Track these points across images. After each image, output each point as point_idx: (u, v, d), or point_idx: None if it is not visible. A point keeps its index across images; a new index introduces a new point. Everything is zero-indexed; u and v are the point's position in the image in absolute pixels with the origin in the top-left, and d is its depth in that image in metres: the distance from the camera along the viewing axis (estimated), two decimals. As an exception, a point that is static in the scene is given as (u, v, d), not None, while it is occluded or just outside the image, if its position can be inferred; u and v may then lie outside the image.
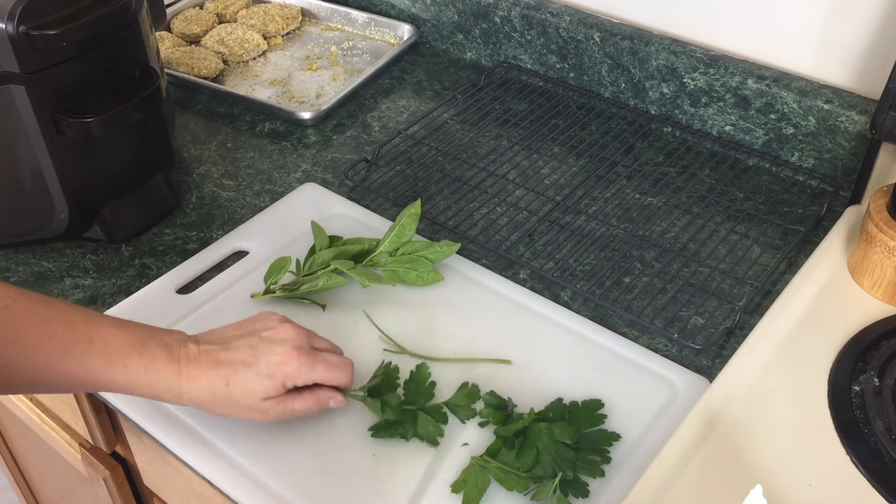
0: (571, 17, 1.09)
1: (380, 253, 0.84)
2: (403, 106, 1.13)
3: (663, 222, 0.92)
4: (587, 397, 0.72)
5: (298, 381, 0.67)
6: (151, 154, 0.95)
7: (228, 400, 0.65)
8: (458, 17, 1.20)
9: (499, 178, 0.98)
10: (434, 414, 0.70)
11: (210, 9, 1.32)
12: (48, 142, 0.82)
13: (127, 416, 0.74)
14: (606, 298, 0.83)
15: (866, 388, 0.70)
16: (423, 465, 0.68)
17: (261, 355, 0.66)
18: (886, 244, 0.77)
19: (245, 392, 0.65)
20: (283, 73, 1.20)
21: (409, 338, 0.79)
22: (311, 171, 1.01)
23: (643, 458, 0.67)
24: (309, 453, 0.69)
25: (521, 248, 0.89)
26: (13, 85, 0.78)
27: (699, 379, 0.74)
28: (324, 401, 0.69)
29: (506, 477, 0.65)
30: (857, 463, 0.66)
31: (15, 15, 0.75)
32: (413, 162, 1.02)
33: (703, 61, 1.00)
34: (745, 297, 0.83)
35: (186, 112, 1.12)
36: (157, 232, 0.92)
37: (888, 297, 0.79)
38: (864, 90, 0.94)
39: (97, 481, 1.02)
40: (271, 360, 0.66)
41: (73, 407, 0.95)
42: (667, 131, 1.06)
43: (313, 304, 0.82)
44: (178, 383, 0.64)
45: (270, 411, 0.66)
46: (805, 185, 0.97)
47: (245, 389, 0.65)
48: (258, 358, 0.66)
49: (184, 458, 0.70)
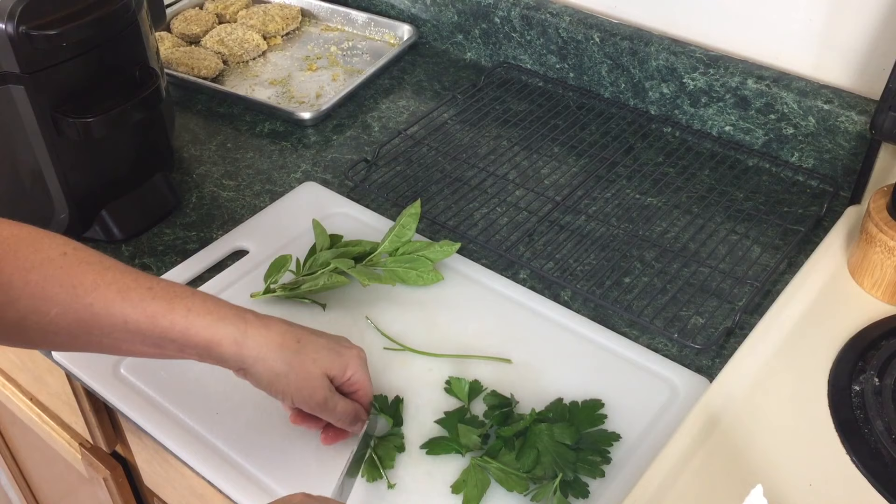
0: (571, 18, 1.09)
1: (380, 253, 0.84)
2: (403, 106, 1.13)
3: (663, 222, 0.92)
4: (587, 397, 0.72)
5: (354, 379, 0.67)
6: (151, 154, 0.95)
7: (294, 359, 0.63)
8: (458, 18, 1.20)
9: (499, 178, 0.98)
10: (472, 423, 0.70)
11: (210, 9, 1.32)
12: (48, 142, 0.82)
13: (127, 416, 0.74)
14: (606, 298, 0.83)
15: (866, 387, 0.70)
16: (423, 465, 0.68)
17: (331, 336, 0.68)
18: (886, 244, 0.77)
19: (313, 358, 0.64)
20: (282, 73, 1.20)
21: (410, 337, 0.79)
22: (311, 171, 1.01)
23: (643, 458, 0.67)
24: (310, 454, 0.69)
25: (521, 248, 0.89)
26: (13, 85, 0.79)
27: (699, 379, 0.74)
28: (359, 417, 0.68)
29: (506, 477, 0.65)
30: (857, 463, 0.66)
31: (15, 15, 0.75)
32: (413, 162, 1.02)
33: (703, 61, 1.00)
34: (745, 297, 0.83)
35: (186, 112, 1.12)
36: (157, 232, 0.92)
37: (888, 297, 0.79)
38: (864, 90, 0.94)
39: (97, 481, 1.02)
40: (341, 342, 0.67)
41: (73, 407, 0.95)
42: (667, 131, 1.06)
43: (313, 304, 0.82)
44: (245, 328, 0.62)
45: (318, 392, 0.64)
46: (805, 185, 0.97)
47: (314, 355, 0.64)
48: (329, 337, 0.67)
49: (184, 458, 0.70)
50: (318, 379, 0.64)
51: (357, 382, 0.67)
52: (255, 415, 0.72)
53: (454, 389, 0.73)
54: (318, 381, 0.64)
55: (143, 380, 0.75)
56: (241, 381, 0.65)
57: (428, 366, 0.76)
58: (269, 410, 0.72)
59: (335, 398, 0.66)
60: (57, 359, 0.78)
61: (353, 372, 0.66)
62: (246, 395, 0.73)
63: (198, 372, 0.75)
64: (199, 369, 0.76)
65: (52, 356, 0.79)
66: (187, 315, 0.60)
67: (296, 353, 0.63)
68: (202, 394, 0.74)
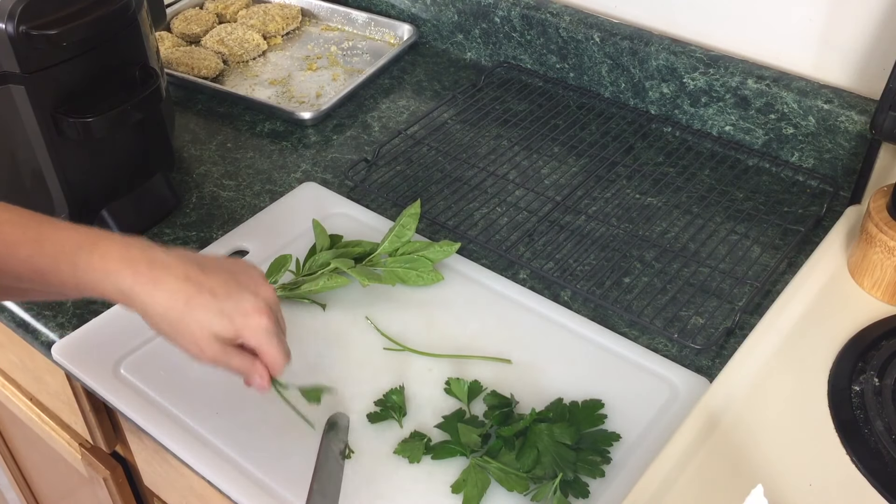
0: (571, 17, 1.09)
1: (380, 253, 0.84)
2: (403, 106, 1.13)
3: (663, 222, 0.92)
4: (587, 397, 0.72)
5: (252, 341, 0.63)
6: (151, 154, 0.95)
7: (180, 321, 0.60)
8: (458, 17, 1.20)
9: (499, 178, 0.98)
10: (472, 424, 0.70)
11: (210, 9, 1.32)
12: (48, 142, 0.82)
13: (127, 416, 0.74)
14: (606, 298, 0.83)
15: (866, 388, 0.70)
16: (423, 465, 0.68)
17: (233, 294, 0.62)
18: (886, 244, 0.77)
19: (200, 321, 0.61)
20: (283, 73, 1.20)
21: (410, 337, 0.79)
22: (311, 171, 1.01)
23: (643, 458, 0.67)
24: (309, 454, 0.69)
25: (521, 248, 0.89)
26: (13, 85, 0.79)
27: (699, 379, 0.74)
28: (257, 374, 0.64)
29: (506, 477, 0.65)
30: (857, 463, 0.66)
31: (15, 15, 0.75)
32: (413, 162, 1.02)
33: (703, 61, 1.00)
34: (745, 297, 0.83)
35: (186, 112, 1.12)
36: (157, 232, 0.92)
37: (888, 297, 0.79)
38: (864, 90, 0.94)
39: (97, 481, 1.02)
40: (240, 306, 0.62)
41: (72, 407, 0.95)
42: (667, 131, 1.06)
43: (313, 304, 0.82)
44: (132, 285, 0.59)
45: (208, 352, 0.62)
46: (805, 185, 0.97)
47: (201, 318, 0.61)
48: (229, 295, 0.62)
49: (184, 458, 0.70)
50: (203, 340, 0.61)
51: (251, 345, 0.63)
52: (255, 415, 0.72)
53: (454, 390, 0.73)
54: (205, 343, 0.61)
55: (143, 380, 0.75)
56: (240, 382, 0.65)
57: (428, 366, 0.76)
58: (270, 411, 0.72)
59: (229, 357, 0.63)
60: (57, 359, 0.79)
61: (246, 339, 0.63)
62: (246, 395, 0.73)
63: (198, 372, 0.75)
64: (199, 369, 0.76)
65: (53, 356, 0.79)
66: (74, 272, 0.59)
67: (181, 317, 0.60)
68: (202, 394, 0.74)
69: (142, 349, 0.78)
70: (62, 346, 0.79)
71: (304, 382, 0.69)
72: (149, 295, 0.60)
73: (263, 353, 0.64)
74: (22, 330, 0.83)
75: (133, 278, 0.59)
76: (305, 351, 0.77)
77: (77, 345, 0.79)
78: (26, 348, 0.94)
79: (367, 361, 0.77)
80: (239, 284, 0.63)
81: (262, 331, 0.63)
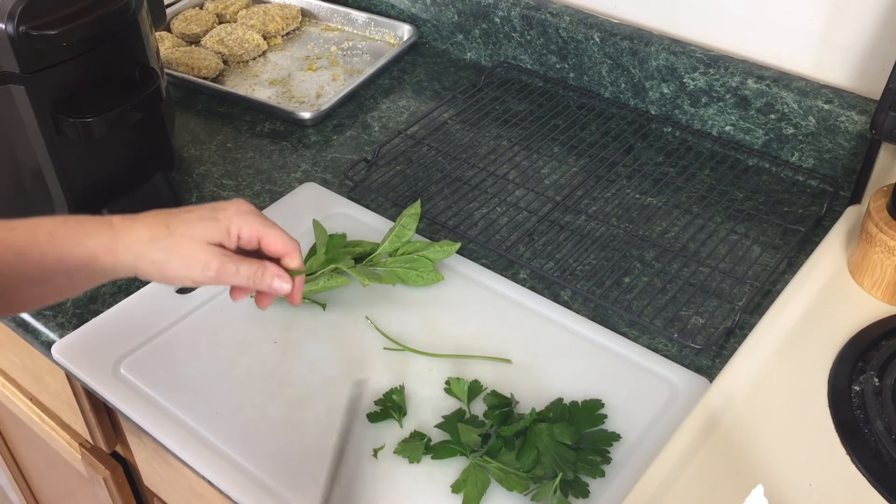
0: (571, 18, 1.09)
1: (380, 253, 0.84)
2: (403, 106, 1.13)
3: (663, 222, 0.92)
4: (587, 397, 0.72)
5: (244, 232, 0.63)
6: (151, 154, 0.95)
7: (169, 240, 0.61)
8: (458, 18, 1.20)
9: (499, 178, 0.98)
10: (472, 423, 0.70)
11: (210, 9, 1.32)
12: (48, 142, 0.82)
13: (127, 416, 0.74)
14: (606, 298, 0.83)
15: (866, 388, 0.70)
16: (423, 466, 0.68)
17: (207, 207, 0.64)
18: (886, 244, 0.77)
19: (187, 235, 0.61)
20: (283, 73, 1.20)
21: (410, 337, 0.79)
22: (311, 171, 1.01)
23: (643, 458, 0.67)
24: (310, 454, 0.69)
25: (521, 248, 0.89)
26: (13, 85, 0.78)
27: (699, 379, 0.74)
28: (270, 276, 0.64)
29: (506, 477, 0.65)
30: (857, 463, 0.66)
31: (15, 15, 0.75)
32: (413, 162, 1.02)
33: (703, 61, 1.00)
34: (745, 297, 0.83)
35: (186, 112, 1.12)
36: (157, 232, 0.92)
37: (888, 297, 0.79)
38: (864, 90, 0.94)
39: (97, 481, 1.02)
40: (218, 208, 0.63)
41: (73, 407, 0.95)
42: (667, 131, 1.06)
43: (313, 304, 0.82)
44: (112, 234, 0.60)
45: (212, 263, 0.62)
46: (805, 185, 0.97)
47: (187, 232, 0.61)
48: (204, 208, 0.64)
49: (184, 458, 0.70)
50: (202, 251, 0.62)
51: (250, 235, 0.64)
52: (255, 415, 0.72)
53: (454, 390, 0.73)
54: (204, 253, 0.62)
55: (143, 380, 0.75)
56: (240, 382, 0.65)
57: (428, 366, 0.76)
58: (270, 411, 0.72)
59: (232, 262, 0.63)
60: (57, 359, 0.79)
61: (238, 228, 0.63)
62: (246, 395, 0.74)
63: (198, 372, 0.75)
64: (199, 369, 0.76)
65: (53, 356, 0.79)
66: (52, 241, 0.59)
67: (168, 237, 0.61)
68: (202, 394, 0.74)
69: (142, 349, 0.78)
70: (62, 345, 0.79)
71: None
72: (132, 236, 0.61)
73: (267, 237, 0.64)
74: (22, 330, 0.83)
75: (112, 229, 0.61)
76: (305, 351, 0.78)
77: (77, 345, 0.79)
78: (26, 348, 0.94)
79: (368, 360, 0.77)
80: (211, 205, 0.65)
81: (251, 214, 0.63)
